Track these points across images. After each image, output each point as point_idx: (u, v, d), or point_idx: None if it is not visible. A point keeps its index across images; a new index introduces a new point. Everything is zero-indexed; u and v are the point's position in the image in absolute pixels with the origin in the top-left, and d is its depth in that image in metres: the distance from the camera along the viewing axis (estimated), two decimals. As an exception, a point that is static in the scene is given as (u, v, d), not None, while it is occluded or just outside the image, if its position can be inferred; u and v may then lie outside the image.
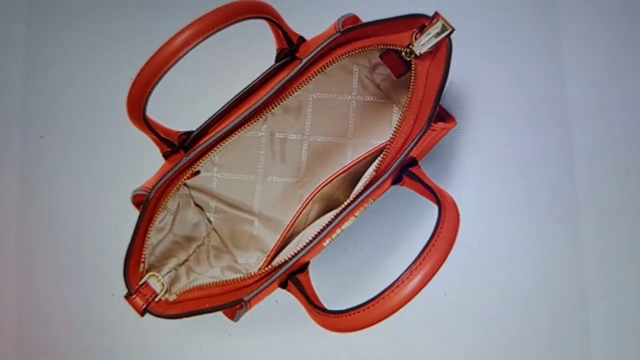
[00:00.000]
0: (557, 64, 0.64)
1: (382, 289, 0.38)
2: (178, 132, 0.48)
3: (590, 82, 0.63)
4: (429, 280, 0.38)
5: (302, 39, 0.49)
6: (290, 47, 0.48)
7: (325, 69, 0.49)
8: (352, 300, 0.40)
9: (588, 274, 0.62)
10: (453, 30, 0.44)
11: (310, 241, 0.47)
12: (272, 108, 0.49)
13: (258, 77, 0.50)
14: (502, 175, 0.63)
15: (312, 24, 0.52)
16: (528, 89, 0.63)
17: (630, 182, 0.62)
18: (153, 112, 0.43)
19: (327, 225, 0.47)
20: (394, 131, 0.48)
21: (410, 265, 0.38)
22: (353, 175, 0.58)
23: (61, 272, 0.66)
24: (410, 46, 0.46)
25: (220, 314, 0.47)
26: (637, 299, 0.62)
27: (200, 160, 0.48)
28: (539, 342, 0.63)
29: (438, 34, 0.45)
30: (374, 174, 0.48)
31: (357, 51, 0.49)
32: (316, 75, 0.49)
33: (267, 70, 0.50)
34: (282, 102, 0.49)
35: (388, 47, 0.48)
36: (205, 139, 0.48)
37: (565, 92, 0.63)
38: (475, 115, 0.63)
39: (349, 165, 0.57)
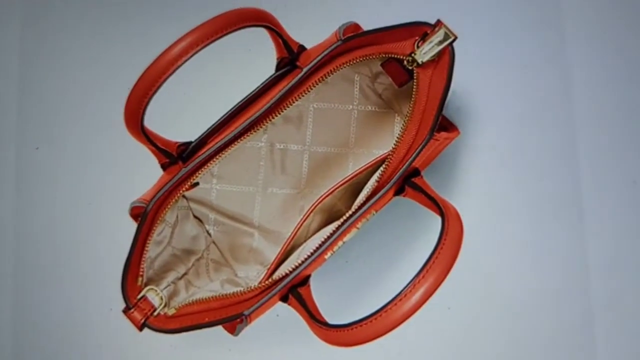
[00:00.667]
0: (562, 71, 0.63)
1: (385, 302, 0.37)
2: (176, 142, 0.47)
3: (595, 90, 0.63)
4: (432, 293, 0.37)
5: (302, 48, 0.49)
6: (290, 55, 0.48)
7: (326, 78, 0.48)
8: (354, 314, 0.39)
9: (595, 285, 0.62)
10: (456, 38, 0.44)
11: (312, 254, 0.46)
12: (273, 118, 0.48)
13: (258, 87, 0.50)
14: (506, 185, 0.63)
15: (312, 32, 0.51)
16: (532, 97, 0.63)
17: (637, 191, 0.62)
18: (151, 122, 0.42)
19: (329, 238, 0.46)
20: (396, 141, 0.48)
21: (413, 278, 0.37)
22: (355, 186, 0.58)
23: (58, 285, 0.66)
24: (413, 54, 0.46)
25: (220, 328, 0.46)
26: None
27: (199, 172, 0.48)
28: (545, 355, 0.62)
29: (440, 42, 0.45)
30: (376, 184, 0.47)
31: (358, 60, 0.48)
32: (317, 84, 0.48)
33: (267, 80, 0.50)
34: (282, 111, 0.49)
35: (390, 55, 0.48)
36: (204, 149, 0.47)
37: (571, 101, 0.63)
38: (479, 125, 0.63)
39: (350, 176, 0.57)
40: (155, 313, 0.46)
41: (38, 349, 0.65)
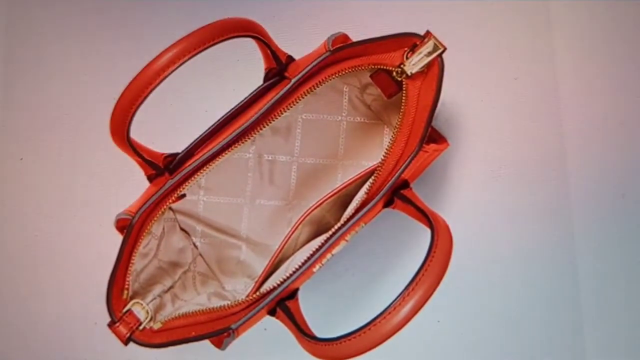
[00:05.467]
0: (551, 83, 0.63)
1: (374, 315, 0.37)
2: (163, 154, 0.47)
3: (586, 103, 0.63)
4: (421, 306, 0.37)
5: (291, 58, 0.49)
6: (278, 66, 0.48)
7: (314, 89, 0.48)
8: (343, 328, 0.39)
9: (584, 298, 0.62)
10: (445, 49, 0.44)
11: (300, 267, 0.46)
12: (261, 129, 0.48)
13: (246, 97, 0.49)
14: (495, 197, 0.63)
15: (301, 43, 0.51)
16: (521, 109, 0.63)
17: (626, 204, 0.62)
18: (137, 133, 0.42)
19: (317, 250, 0.46)
20: (385, 153, 0.47)
21: (403, 291, 0.37)
22: (343, 198, 0.58)
23: (42, 299, 0.65)
24: (402, 66, 0.46)
25: (206, 342, 0.45)
26: (633, 323, 0.62)
27: (186, 183, 0.47)
28: (535, 368, 0.62)
29: (430, 53, 0.44)
30: (365, 196, 0.47)
31: (347, 71, 0.48)
32: (305, 95, 0.48)
33: (255, 90, 0.49)
34: (270, 122, 0.48)
35: (379, 66, 0.48)
36: (191, 161, 0.47)
37: (560, 113, 0.63)
38: (468, 137, 0.63)
39: (339, 188, 0.57)
40: (141, 327, 0.45)
41: (21, 364, 0.65)
